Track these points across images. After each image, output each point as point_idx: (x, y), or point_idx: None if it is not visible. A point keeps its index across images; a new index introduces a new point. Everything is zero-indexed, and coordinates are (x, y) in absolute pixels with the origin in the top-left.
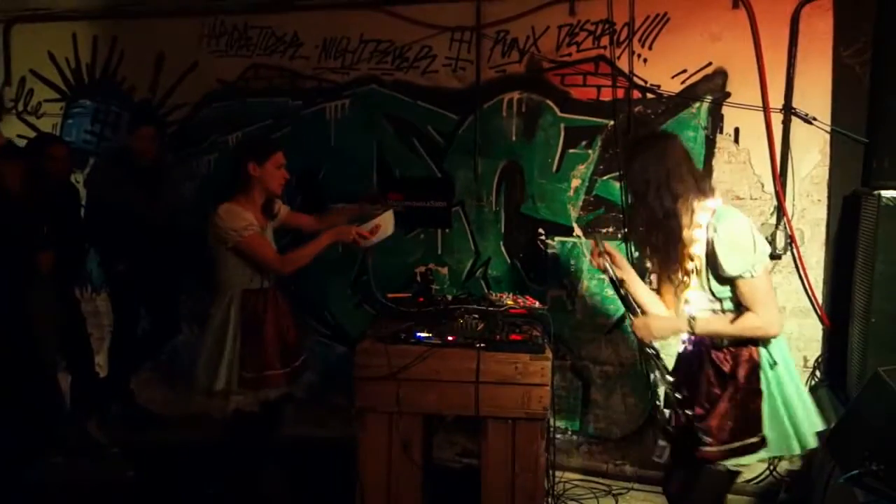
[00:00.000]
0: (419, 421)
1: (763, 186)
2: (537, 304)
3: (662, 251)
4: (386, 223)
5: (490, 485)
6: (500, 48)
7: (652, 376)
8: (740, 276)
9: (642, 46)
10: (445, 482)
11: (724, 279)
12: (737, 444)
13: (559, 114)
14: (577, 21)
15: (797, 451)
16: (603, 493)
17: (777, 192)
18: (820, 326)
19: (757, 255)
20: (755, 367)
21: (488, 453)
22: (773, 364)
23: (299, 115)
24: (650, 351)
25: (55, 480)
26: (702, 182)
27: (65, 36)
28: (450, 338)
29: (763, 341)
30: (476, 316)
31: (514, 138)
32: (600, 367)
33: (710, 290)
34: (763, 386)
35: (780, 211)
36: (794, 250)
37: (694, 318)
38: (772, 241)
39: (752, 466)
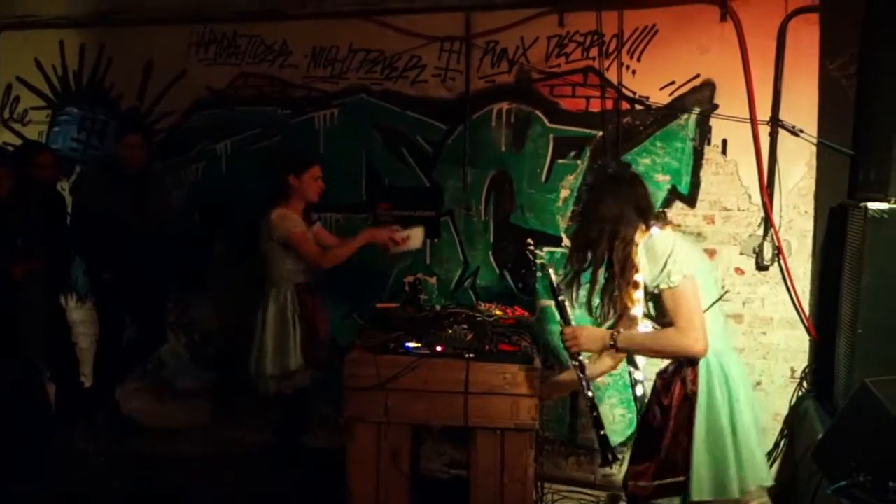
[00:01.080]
0: (407, 431)
1: (750, 198)
2: (526, 315)
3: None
4: (417, 236)
5: (479, 495)
6: (490, 59)
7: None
8: (659, 287)
9: (631, 58)
10: (433, 493)
11: (654, 296)
12: (661, 482)
13: (548, 124)
14: (566, 32)
15: (735, 494)
16: None
17: (764, 204)
18: (807, 338)
19: (673, 264)
20: (687, 397)
21: (477, 464)
22: (715, 394)
23: (288, 124)
24: (574, 363)
25: (39, 491)
26: (651, 219)
27: (52, 43)
28: (438, 348)
29: (712, 371)
30: (465, 326)
31: (503, 148)
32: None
33: (651, 313)
34: (699, 419)
35: (768, 222)
36: (782, 261)
37: (619, 332)
38: (759, 252)
39: None
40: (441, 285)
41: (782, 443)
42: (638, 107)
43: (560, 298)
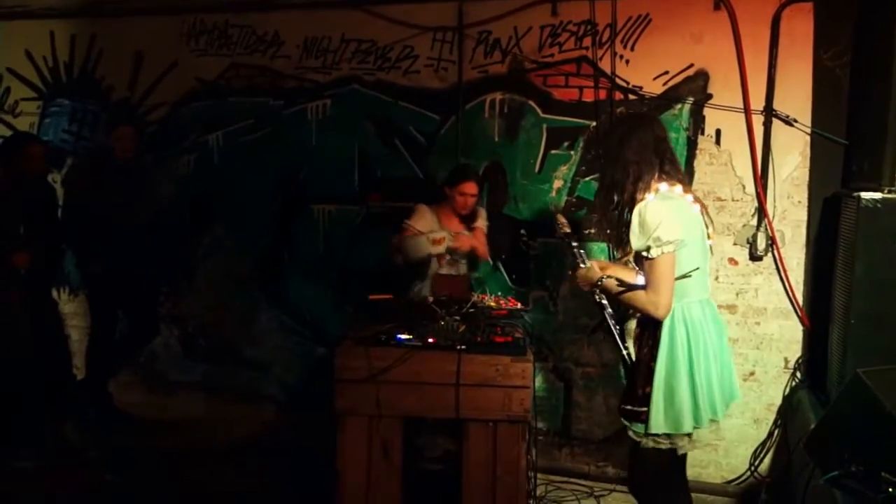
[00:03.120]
0: (399, 423)
1: (744, 188)
2: (519, 306)
3: (615, 230)
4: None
5: (471, 487)
6: (483, 49)
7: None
8: (641, 254)
9: (624, 48)
10: (427, 485)
11: (637, 255)
12: (625, 406)
13: (541, 115)
14: (559, 22)
15: (688, 429)
16: (585, 495)
17: (758, 194)
18: (800, 328)
19: (657, 236)
20: (654, 344)
21: (469, 456)
22: (676, 336)
23: (280, 114)
24: (597, 299)
25: (29, 484)
26: (668, 168)
27: (42, 34)
28: (430, 340)
29: (675, 317)
30: (457, 318)
31: (496, 139)
32: (582, 369)
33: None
34: (660, 358)
35: (762, 212)
36: (775, 252)
37: (602, 279)
38: (753, 242)
39: (733, 466)
40: None
41: (776, 433)
42: (631, 97)
43: (567, 242)
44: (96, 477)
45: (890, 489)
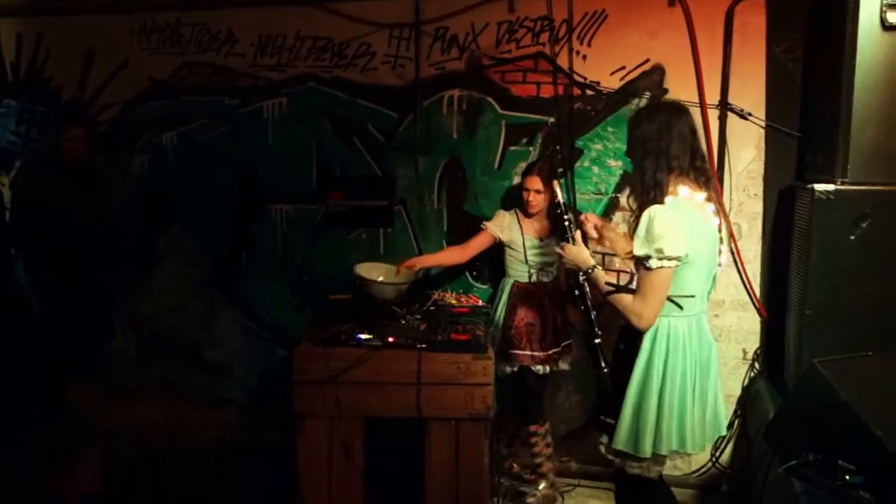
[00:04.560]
0: (360, 425)
1: None
2: (481, 303)
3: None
4: None
5: (434, 487)
6: (440, 45)
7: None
8: (639, 260)
9: (581, 43)
10: (392, 484)
11: (636, 261)
12: (597, 416)
13: (500, 111)
14: (516, 18)
15: (645, 452)
16: None
17: (715, 187)
18: (758, 319)
19: (660, 248)
20: (631, 353)
21: (431, 455)
22: (654, 356)
23: (236, 113)
24: (580, 280)
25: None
26: (699, 164)
27: None
28: (390, 339)
29: (658, 334)
30: (418, 316)
31: (455, 136)
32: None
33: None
34: (635, 375)
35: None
36: (732, 244)
37: (597, 266)
38: None
39: (695, 457)
40: None
41: (736, 423)
42: (589, 92)
43: (560, 212)
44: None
45: (847, 476)
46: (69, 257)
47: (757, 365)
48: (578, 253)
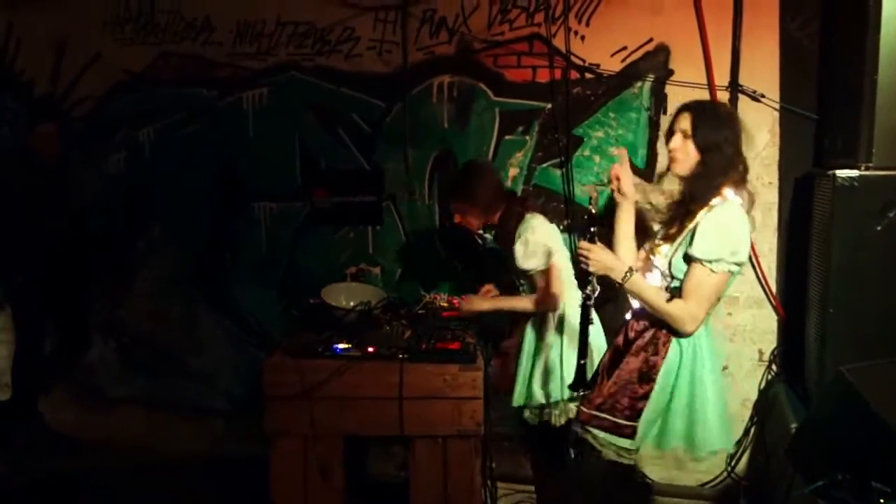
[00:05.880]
0: (338, 443)
1: None
2: None
3: (678, 208)
4: None
5: None
6: (428, 28)
7: None
8: (700, 262)
9: (579, 23)
10: (380, 499)
11: (687, 258)
12: (598, 414)
13: (493, 98)
14: None
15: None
16: None
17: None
18: (775, 317)
19: (735, 251)
20: (660, 356)
21: (417, 475)
22: (682, 368)
23: (215, 106)
24: (585, 285)
25: None
26: (742, 169)
27: None
28: (370, 349)
29: (688, 341)
30: (405, 322)
31: (445, 125)
32: None
33: (671, 264)
34: (660, 380)
35: None
36: None
37: (632, 270)
38: None
39: (708, 467)
40: (385, 275)
41: (752, 430)
42: (588, 75)
43: (588, 221)
44: None
45: (882, 500)
46: (41, 261)
47: (774, 367)
48: (605, 259)
